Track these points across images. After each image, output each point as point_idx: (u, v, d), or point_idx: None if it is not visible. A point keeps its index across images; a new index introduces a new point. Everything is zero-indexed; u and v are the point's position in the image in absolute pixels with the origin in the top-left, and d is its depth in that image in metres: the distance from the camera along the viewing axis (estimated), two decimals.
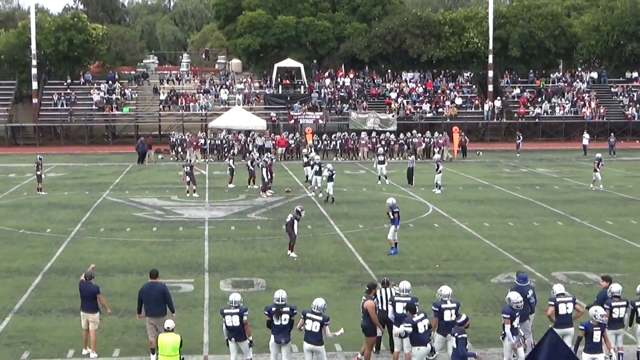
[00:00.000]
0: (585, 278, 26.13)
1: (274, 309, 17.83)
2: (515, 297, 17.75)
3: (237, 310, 17.80)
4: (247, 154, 55.90)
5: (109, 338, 20.45)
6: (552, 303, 18.35)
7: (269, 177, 43.83)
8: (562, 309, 18.21)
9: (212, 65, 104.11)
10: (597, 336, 17.00)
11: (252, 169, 46.79)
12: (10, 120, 78.64)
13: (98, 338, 19.96)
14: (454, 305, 18.10)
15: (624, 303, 18.37)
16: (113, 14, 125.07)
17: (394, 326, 18.50)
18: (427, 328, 17.61)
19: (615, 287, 18.56)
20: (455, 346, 16.55)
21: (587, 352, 17.07)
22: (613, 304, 18.12)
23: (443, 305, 18.01)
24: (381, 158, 48.96)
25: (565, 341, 16.83)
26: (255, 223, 36.09)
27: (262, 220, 36.80)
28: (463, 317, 17.22)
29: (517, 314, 17.57)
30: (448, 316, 17.97)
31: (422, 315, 17.64)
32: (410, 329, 17.39)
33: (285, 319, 17.75)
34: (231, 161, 48.22)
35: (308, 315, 17.63)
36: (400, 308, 18.31)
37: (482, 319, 21.90)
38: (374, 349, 19.35)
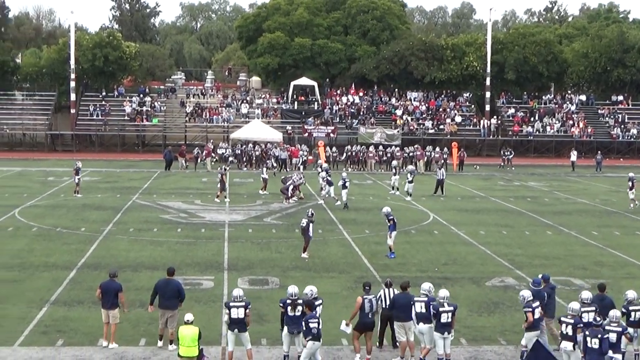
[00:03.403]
0: (572, 283, 26.02)
1: (289, 301, 17.96)
2: (577, 306, 17.53)
3: (243, 303, 17.85)
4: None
5: (136, 329, 20.45)
6: (530, 309, 18.19)
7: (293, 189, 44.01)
8: (537, 314, 18.16)
9: (234, 82, 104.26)
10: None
11: (266, 177, 47.55)
12: (50, 128, 78.90)
13: (125, 329, 20.05)
14: (451, 308, 18.02)
15: (593, 308, 18.20)
16: (145, 34, 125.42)
17: (415, 324, 18.38)
18: (320, 325, 17.68)
19: (585, 294, 18.42)
20: (598, 345, 16.36)
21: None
22: (583, 309, 17.92)
23: (441, 309, 17.95)
24: (394, 170, 49.24)
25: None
26: (270, 226, 36.08)
27: (277, 224, 36.79)
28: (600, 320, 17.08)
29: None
30: (445, 318, 17.93)
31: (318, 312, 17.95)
32: (316, 324, 17.46)
33: (298, 310, 17.90)
34: (264, 170, 48.66)
35: (318, 302, 18.17)
36: (418, 307, 18.23)
37: (477, 319, 21.84)
38: (377, 344, 19.36)
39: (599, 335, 16.41)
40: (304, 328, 17.54)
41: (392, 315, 18.94)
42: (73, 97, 77.99)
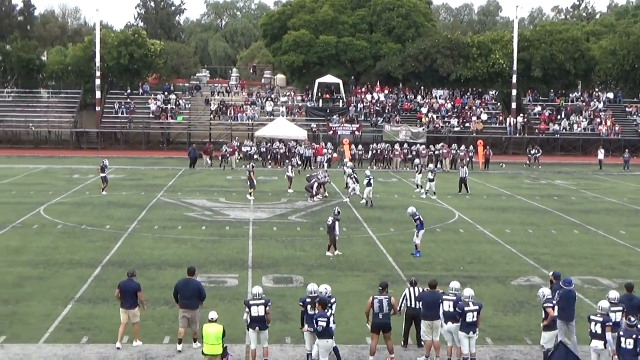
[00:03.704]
0: (599, 283, 25.84)
1: (308, 299, 17.93)
2: (606, 304, 17.43)
3: (263, 301, 17.88)
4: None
5: (160, 326, 20.51)
6: (551, 305, 18.11)
7: (317, 187, 43.99)
8: (555, 312, 18.13)
9: (258, 80, 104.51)
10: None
11: (292, 175, 47.56)
12: (75, 125, 79.36)
13: (149, 326, 20.17)
14: (476, 307, 17.96)
15: (620, 308, 18.11)
16: (170, 31, 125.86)
17: (442, 323, 18.39)
18: (333, 323, 17.62)
19: (612, 294, 18.33)
20: (632, 346, 16.22)
21: None
22: (610, 309, 17.84)
23: (466, 308, 17.87)
24: (416, 169, 49.27)
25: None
26: (295, 224, 36.09)
27: (302, 222, 36.79)
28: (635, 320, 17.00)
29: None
30: (470, 317, 17.85)
31: (331, 310, 17.83)
32: (325, 324, 17.35)
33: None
34: (290, 168, 48.63)
35: (332, 301, 18.17)
36: (446, 306, 18.21)
37: (502, 318, 21.75)
38: (402, 343, 19.32)
39: (634, 336, 16.27)
40: (315, 325, 17.54)
41: (417, 314, 18.88)
42: (98, 94, 78.41)
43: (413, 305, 18.97)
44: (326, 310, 17.65)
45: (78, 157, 68.42)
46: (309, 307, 17.95)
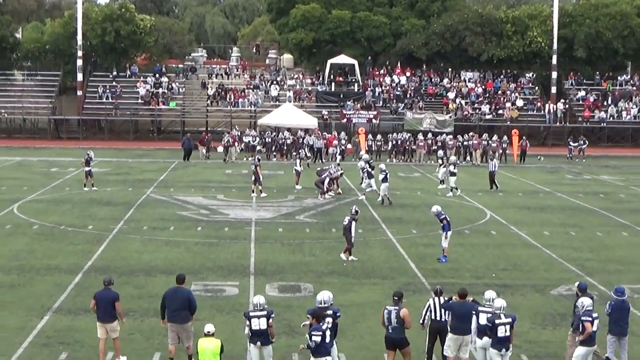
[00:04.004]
0: None
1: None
2: None
3: (265, 313, 17.78)
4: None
5: (149, 341, 20.49)
6: (590, 319, 18.01)
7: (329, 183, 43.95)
8: (595, 326, 17.96)
9: (262, 60, 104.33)
10: None
11: (300, 169, 47.52)
12: (53, 112, 79.53)
13: (138, 341, 20.19)
14: (509, 320, 17.80)
15: None
16: (162, 5, 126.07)
17: (476, 338, 18.28)
18: (331, 337, 17.49)
19: None
20: None
21: None
22: None
23: (497, 321, 17.71)
24: (440, 161, 49.11)
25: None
26: (303, 225, 36.07)
27: (311, 222, 36.77)
28: None
29: None
30: (502, 332, 17.68)
31: (328, 323, 17.64)
32: (319, 338, 17.11)
33: (328, 322, 17.69)
34: (298, 161, 48.57)
35: (339, 314, 18.33)
36: (483, 319, 18.09)
37: (541, 333, 21.68)
38: None
39: None
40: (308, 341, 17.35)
41: (443, 327, 18.79)
42: (80, 77, 78.47)
43: (438, 318, 18.85)
44: (321, 324, 17.54)
45: (57, 148, 68.58)
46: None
